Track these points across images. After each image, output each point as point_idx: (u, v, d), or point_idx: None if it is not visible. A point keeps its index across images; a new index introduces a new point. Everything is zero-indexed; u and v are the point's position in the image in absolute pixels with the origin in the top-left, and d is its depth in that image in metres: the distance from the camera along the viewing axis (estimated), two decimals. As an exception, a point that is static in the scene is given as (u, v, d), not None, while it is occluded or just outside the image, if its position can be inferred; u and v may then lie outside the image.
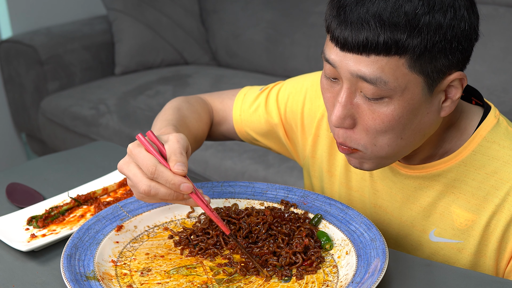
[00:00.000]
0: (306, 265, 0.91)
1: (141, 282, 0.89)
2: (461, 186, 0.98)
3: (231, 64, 3.10)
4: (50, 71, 2.86)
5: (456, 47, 0.84)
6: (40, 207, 1.11)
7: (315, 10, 2.79)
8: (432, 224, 1.01)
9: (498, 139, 0.96)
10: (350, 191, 1.12)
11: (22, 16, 3.01)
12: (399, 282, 0.89)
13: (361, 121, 0.88)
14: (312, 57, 2.76)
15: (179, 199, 0.90)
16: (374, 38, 0.81)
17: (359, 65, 0.83)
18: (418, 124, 0.89)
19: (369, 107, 0.87)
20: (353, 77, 0.85)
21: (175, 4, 3.09)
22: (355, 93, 0.87)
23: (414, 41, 0.81)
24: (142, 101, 2.66)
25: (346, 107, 0.87)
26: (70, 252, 0.91)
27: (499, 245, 0.96)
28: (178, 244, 0.98)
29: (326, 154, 1.14)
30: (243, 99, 1.23)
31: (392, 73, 0.83)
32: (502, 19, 2.29)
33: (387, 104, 0.86)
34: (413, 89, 0.85)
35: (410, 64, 0.83)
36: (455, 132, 0.98)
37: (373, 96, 0.85)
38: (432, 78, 0.85)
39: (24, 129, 3.08)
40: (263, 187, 1.09)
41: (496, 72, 2.25)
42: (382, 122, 0.87)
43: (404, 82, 0.84)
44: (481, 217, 0.96)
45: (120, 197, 1.14)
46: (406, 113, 0.86)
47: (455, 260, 1.00)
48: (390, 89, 0.84)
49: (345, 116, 0.88)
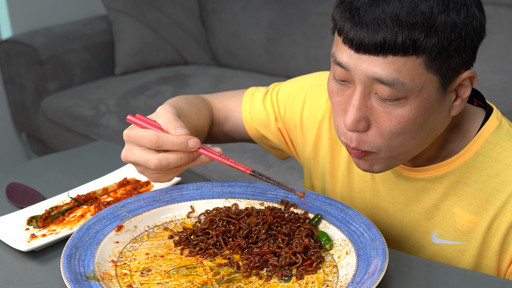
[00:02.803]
0: (306, 265, 0.91)
1: (141, 282, 0.89)
2: (464, 188, 0.97)
3: (231, 64, 3.10)
4: (50, 71, 2.86)
5: (469, 45, 0.84)
6: (40, 207, 1.11)
7: (315, 10, 2.79)
8: (434, 226, 1.01)
9: (501, 141, 0.96)
10: (352, 192, 1.12)
11: (22, 16, 3.01)
12: (399, 282, 0.89)
13: (375, 123, 0.87)
14: (312, 57, 2.76)
15: (191, 159, 0.88)
16: (392, 38, 0.80)
17: (375, 67, 0.82)
18: (431, 124, 0.88)
19: (384, 108, 0.86)
20: (369, 79, 0.84)
21: (175, 4, 3.09)
22: (370, 95, 0.86)
23: (431, 41, 0.80)
24: (142, 101, 2.66)
25: (361, 110, 0.86)
26: (70, 252, 0.91)
27: (501, 247, 0.96)
28: (178, 244, 0.98)
29: (328, 155, 1.14)
30: (251, 98, 1.22)
31: (409, 73, 0.82)
32: (502, 19, 2.29)
33: (403, 105, 0.85)
34: (428, 89, 0.84)
35: (427, 64, 0.82)
36: (458, 133, 0.98)
37: (390, 97, 0.84)
38: (447, 77, 0.85)
39: (24, 129, 3.08)
40: (263, 187, 1.09)
41: (496, 72, 2.25)
42: (398, 124, 0.86)
43: (421, 82, 0.83)
44: (483, 219, 0.96)
45: (120, 197, 1.14)
46: (422, 113, 0.86)
47: (457, 262, 1.00)
48: (407, 90, 0.83)
49: (360, 119, 0.87)
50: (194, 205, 1.06)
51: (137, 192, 1.15)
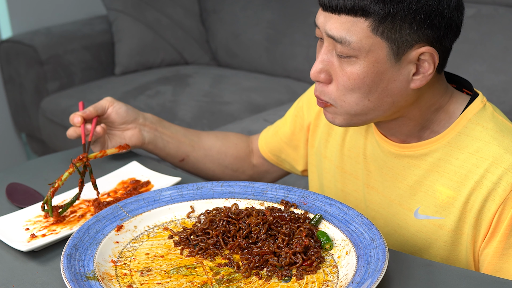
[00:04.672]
0: (306, 265, 0.91)
1: (141, 282, 0.89)
2: (445, 166, 1.02)
3: (231, 64, 3.10)
4: (50, 71, 2.86)
5: (422, 20, 0.92)
6: (40, 207, 1.11)
7: (315, 10, 2.79)
8: (417, 202, 1.05)
9: (483, 121, 1.01)
10: (344, 174, 1.17)
11: (22, 16, 3.01)
12: (399, 282, 0.89)
13: (334, 78, 0.98)
14: (312, 57, 2.76)
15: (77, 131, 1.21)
16: (344, 2, 0.93)
17: (331, 25, 0.95)
18: (384, 89, 0.97)
19: (339, 64, 0.97)
20: (327, 37, 0.96)
21: (175, 4, 3.09)
22: (332, 51, 0.97)
23: (378, 7, 0.91)
24: (142, 101, 2.65)
25: (323, 62, 0.98)
26: (70, 252, 0.91)
27: (476, 221, 0.99)
28: (178, 244, 0.98)
29: (324, 141, 1.21)
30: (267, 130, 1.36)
31: (356, 34, 0.93)
32: (502, 19, 2.29)
33: (353, 63, 0.95)
34: (377, 52, 0.94)
35: (374, 27, 0.92)
36: (443, 115, 1.03)
37: (341, 54, 0.95)
38: (397, 46, 0.93)
39: (24, 129, 3.08)
40: (263, 187, 1.09)
41: (496, 72, 2.25)
42: (349, 80, 0.96)
43: (368, 44, 0.93)
44: (461, 194, 1.00)
45: (120, 197, 1.14)
46: (371, 74, 0.95)
47: (436, 237, 1.03)
48: (354, 49, 0.94)
49: (321, 70, 0.99)
50: (194, 205, 1.06)
51: (137, 192, 1.15)
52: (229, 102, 2.60)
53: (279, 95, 2.69)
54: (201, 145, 1.33)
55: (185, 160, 1.32)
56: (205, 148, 1.33)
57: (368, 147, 1.12)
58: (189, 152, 1.31)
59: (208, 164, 1.33)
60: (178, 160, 1.31)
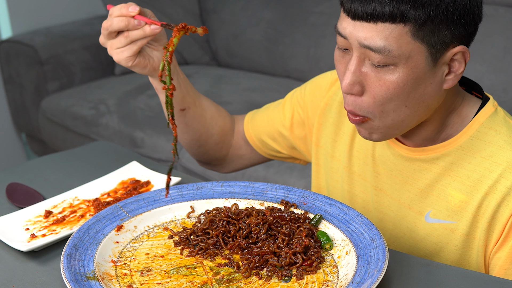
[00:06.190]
0: (306, 265, 0.91)
1: (141, 282, 0.89)
2: (458, 170, 1.01)
3: (231, 64, 3.10)
4: (50, 71, 2.86)
5: (458, 20, 0.90)
6: (40, 207, 1.11)
7: (315, 10, 2.79)
8: (428, 206, 1.05)
9: (495, 126, 1.00)
10: (352, 175, 1.15)
11: (22, 16, 3.01)
12: (399, 282, 0.89)
13: (369, 89, 0.94)
14: (312, 57, 2.76)
15: (132, 24, 1.03)
16: (382, 7, 0.88)
17: (366, 34, 0.90)
18: (422, 94, 0.94)
19: (376, 74, 0.93)
20: (361, 46, 0.92)
21: (175, 4, 3.09)
22: (364, 61, 0.93)
23: (417, 12, 0.88)
24: (142, 101, 2.65)
25: (355, 74, 0.94)
26: (70, 252, 0.91)
27: (489, 226, 0.98)
28: (178, 244, 0.98)
29: (330, 140, 1.19)
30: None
31: (396, 41, 0.89)
32: (502, 19, 2.29)
33: (392, 71, 0.92)
34: (416, 58, 0.91)
35: (414, 33, 0.89)
36: (457, 118, 1.02)
37: (379, 63, 0.91)
38: (435, 49, 0.91)
39: (24, 129, 3.08)
40: (263, 187, 1.09)
41: (496, 72, 2.25)
42: (388, 89, 0.92)
43: (408, 50, 0.90)
44: (474, 198, 0.99)
45: (120, 197, 1.14)
46: (410, 80, 0.92)
47: (447, 241, 1.03)
48: (394, 56, 0.90)
49: (354, 82, 0.94)
50: (194, 205, 1.06)
51: (137, 192, 1.15)
52: (229, 102, 2.60)
53: (279, 95, 2.68)
54: (201, 102, 1.25)
55: (185, 112, 1.23)
56: (202, 107, 1.25)
57: (376, 149, 1.11)
58: (190, 105, 1.23)
59: (200, 125, 1.26)
60: (180, 108, 1.23)
